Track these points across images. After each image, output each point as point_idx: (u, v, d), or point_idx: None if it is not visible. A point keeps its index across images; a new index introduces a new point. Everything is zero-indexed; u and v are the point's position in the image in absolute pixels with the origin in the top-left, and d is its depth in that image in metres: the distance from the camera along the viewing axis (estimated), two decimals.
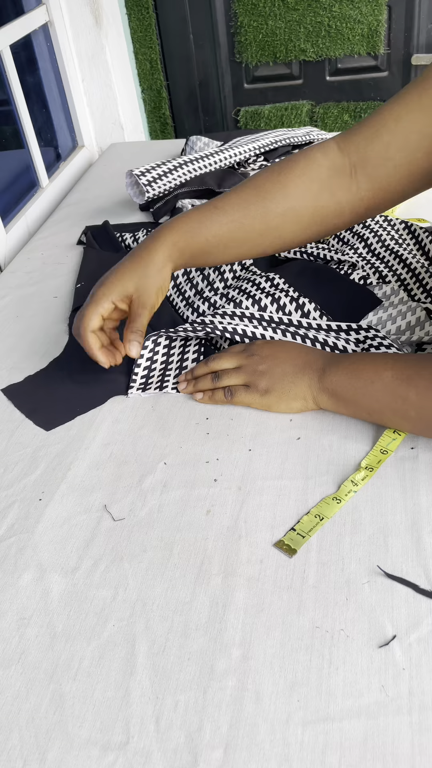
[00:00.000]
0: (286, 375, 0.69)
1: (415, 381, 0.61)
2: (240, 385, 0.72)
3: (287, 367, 0.70)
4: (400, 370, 0.62)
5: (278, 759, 0.44)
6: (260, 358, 0.71)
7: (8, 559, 0.59)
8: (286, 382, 0.69)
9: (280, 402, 0.70)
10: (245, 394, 0.71)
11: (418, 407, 0.61)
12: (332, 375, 0.67)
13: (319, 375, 0.68)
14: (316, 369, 0.68)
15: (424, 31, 1.99)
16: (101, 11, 1.63)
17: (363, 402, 0.65)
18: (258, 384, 0.70)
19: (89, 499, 0.64)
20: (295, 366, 0.69)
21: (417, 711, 0.46)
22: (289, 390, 0.69)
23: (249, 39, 2.02)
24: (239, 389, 0.71)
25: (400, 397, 0.62)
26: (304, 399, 0.69)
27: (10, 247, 1.19)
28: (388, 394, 0.63)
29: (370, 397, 0.64)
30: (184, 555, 0.58)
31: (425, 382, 0.60)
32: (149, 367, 0.78)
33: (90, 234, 1.09)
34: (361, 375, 0.65)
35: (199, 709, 0.47)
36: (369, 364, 0.65)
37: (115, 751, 0.46)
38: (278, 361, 0.70)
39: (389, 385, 0.62)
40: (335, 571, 0.55)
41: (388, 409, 0.63)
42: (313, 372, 0.68)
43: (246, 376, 0.71)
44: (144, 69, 2.09)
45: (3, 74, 1.24)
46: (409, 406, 0.61)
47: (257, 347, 0.73)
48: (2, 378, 0.82)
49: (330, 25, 1.96)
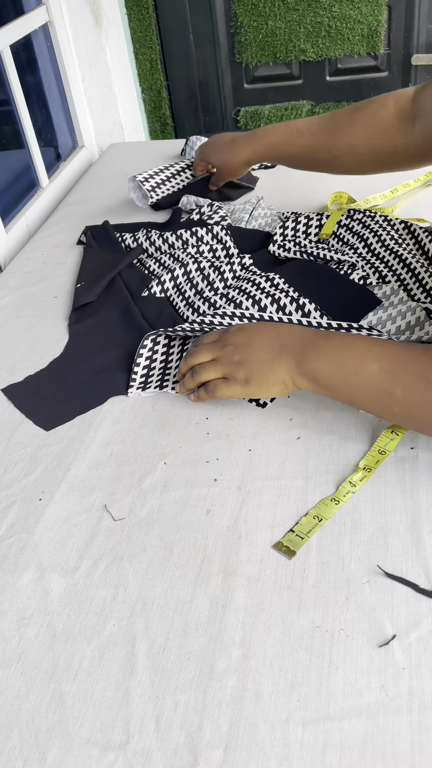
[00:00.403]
0: (263, 362, 0.67)
1: (402, 377, 0.60)
2: (219, 378, 0.70)
3: (263, 354, 0.67)
4: (387, 363, 0.61)
5: (278, 758, 0.44)
6: (234, 348, 0.69)
7: (8, 558, 0.59)
8: (263, 369, 0.67)
9: (261, 389, 0.68)
10: (225, 387, 0.69)
11: (404, 404, 0.60)
12: (312, 361, 0.64)
13: (298, 360, 0.65)
14: (293, 353, 0.66)
15: (424, 31, 1.99)
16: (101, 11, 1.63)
17: (345, 391, 0.63)
18: (236, 375, 0.68)
19: (89, 498, 0.64)
20: (272, 351, 0.67)
21: (417, 710, 0.46)
22: (267, 377, 0.67)
23: (249, 39, 2.02)
24: (218, 383, 0.70)
25: (386, 392, 0.60)
26: (283, 384, 0.67)
27: (10, 247, 1.19)
28: (372, 387, 0.61)
29: (353, 389, 0.62)
30: (184, 555, 0.58)
31: (413, 378, 0.59)
32: (149, 366, 0.78)
33: (90, 234, 1.09)
34: (345, 365, 0.63)
35: (199, 708, 0.47)
36: (353, 353, 0.63)
37: (115, 750, 0.46)
38: (253, 349, 0.68)
39: (374, 379, 0.61)
40: (335, 570, 0.55)
41: (371, 401, 0.62)
42: (291, 356, 0.66)
43: (223, 369, 0.69)
44: (144, 69, 2.08)
45: (3, 74, 1.24)
46: (393, 401, 0.60)
47: (230, 335, 0.71)
48: (2, 378, 0.82)
49: (330, 25, 1.97)
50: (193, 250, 0.97)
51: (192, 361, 0.72)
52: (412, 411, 0.60)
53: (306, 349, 0.65)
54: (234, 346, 0.69)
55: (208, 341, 0.73)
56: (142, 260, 1.01)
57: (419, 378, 0.59)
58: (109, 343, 0.84)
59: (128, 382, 0.77)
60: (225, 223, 1.03)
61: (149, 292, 0.92)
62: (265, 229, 1.03)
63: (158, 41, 2.05)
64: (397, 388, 0.59)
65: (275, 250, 0.94)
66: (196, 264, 0.92)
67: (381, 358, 0.61)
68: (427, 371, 0.58)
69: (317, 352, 0.64)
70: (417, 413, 0.60)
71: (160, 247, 1.01)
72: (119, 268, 0.97)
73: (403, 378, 0.59)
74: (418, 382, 0.59)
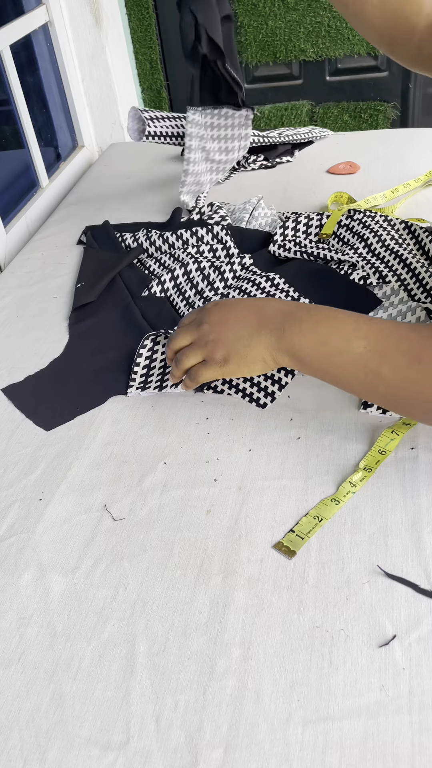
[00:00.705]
0: (240, 339, 0.63)
1: (391, 356, 0.56)
2: (199, 362, 0.67)
3: (240, 330, 0.64)
4: (374, 341, 0.57)
5: (278, 758, 0.44)
6: (210, 327, 0.66)
7: (8, 558, 0.59)
8: (241, 346, 0.63)
9: (241, 368, 0.65)
10: (204, 370, 0.66)
11: (391, 385, 0.57)
12: (294, 337, 0.61)
13: (278, 335, 0.62)
14: (273, 328, 0.62)
15: None
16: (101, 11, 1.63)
17: (328, 370, 0.60)
18: (214, 356, 0.65)
19: (89, 498, 0.64)
20: (249, 326, 0.63)
21: (417, 710, 0.46)
22: (246, 354, 0.64)
23: (249, 39, 2.02)
24: (198, 368, 0.67)
25: (372, 371, 0.57)
26: (263, 361, 0.64)
27: (10, 247, 1.19)
28: (358, 367, 0.58)
29: (337, 367, 0.59)
30: (184, 555, 0.58)
31: (402, 357, 0.56)
32: (148, 365, 0.78)
33: (90, 234, 1.09)
34: (328, 342, 0.59)
35: (199, 708, 0.47)
36: (338, 329, 0.59)
37: (116, 750, 0.46)
38: (229, 325, 0.64)
39: (360, 358, 0.57)
40: (335, 570, 0.55)
41: (355, 381, 0.59)
42: (270, 331, 0.62)
43: (201, 351, 0.66)
44: (144, 69, 2.08)
45: (3, 74, 1.24)
46: (379, 381, 0.57)
47: (206, 313, 0.67)
48: (2, 378, 0.82)
49: (330, 25, 1.96)
50: (193, 250, 0.97)
51: (173, 346, 0.69)
52: (399, 392, 0.57)
53: (287, 324, 0.62)
54: (209, 324, 0.66)
55: (186, 322, 0.69)
56: (142, 260, 1.01)
57: (409, 357, 0.56)
58: (109, 343, 0.84)
59: (128, 382, 0.77)
60: (225, 223, 1.03)
61: (149, 292, 0.92)
62: (265, 229, 1.03)
63: (158, 41, 2.05)
64: (384, 368, 0.56)
65: (275, 250, 0.94)
66: (197, 264, 0.92)
67: (368, 335, 0.58)
68: (418, 350, 0.55)
69: (299, 327, 0.61)
70: (403, 394, 0.57)
71: (160, 247, 1.01)
72: (119, 268, 0.97)
73: (392, 357, 0.56)
74: (408, 361, 0.56)
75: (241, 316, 0.65)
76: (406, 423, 0.67)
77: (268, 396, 0.73)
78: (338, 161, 1.23)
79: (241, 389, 0.74)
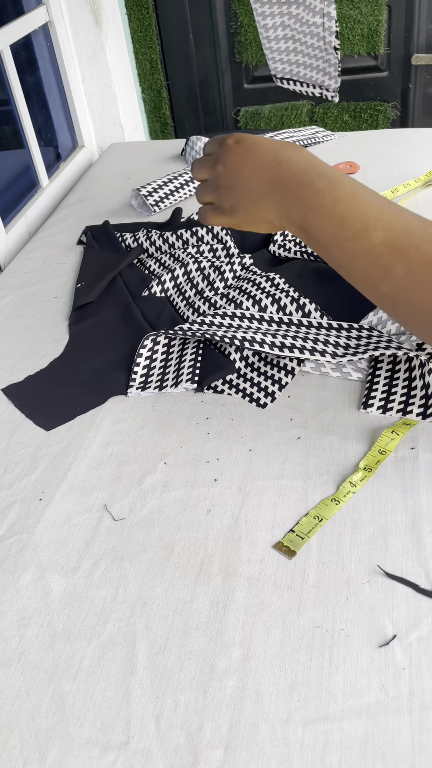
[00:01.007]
0: (251, 194, 0.58)
1: (408, 255, 0.51)
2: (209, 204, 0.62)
3: (253, 184, 0.58)
4: (396, 234, 0.52)
5: (278, 759, 0.44)
6: (224, 170, 0.60)
7: (8, 559, 0.59)
8: (250, 203, 0.59)
9: (247, 224, 0.61)
10: (213, 215, 0.62)
11: (398, 285, 0.52)
12: (308, 211, 0.55)
13: (290, 203, 0.56)
14: (286, 193, 0.56)
15: (424, 31, 1.98)
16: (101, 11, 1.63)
17: (336, 254, 0.55)
18: (222, 203, 0.61)
19: (89, 499, 0.64)
20: (263, 182, 0.58)
21: (417, 710, 0.46)
22: (254, 213, 0.59)
23: (249, 39, 2.02)
24: (207, 211, 0.62)
25: (383, 266, 0.52)
26: (270, 223, 0.59)
27: (10, 247, 1.19)
28: (370, 257, 0.52)
29: (346, 253, 0.54)
30: (184, 555, 0.58)
31: (421, 258, 0.50)
32: (148, 365, 0.78)
33: (90, 234, 1.09)
34: (345, 225, 0.53)
35: (199, 708, 0.47)
36: (358, 212, 0.53)
37: (116, 750, 0.46)
38: (244, 175, 0.59)
39: (375, 249, 0.52)
40: (335, 570, 0.55)
41: (361, 272, 0.54)
42: (283, 196, 0.57)
43: (213, 194, 0.61)
44: (144, 69, 2.08)
45: (3, 74, 1.24)
46: (387, 279, 0.52)
47: (225, 151, 0.60)
48: (2, 378, 0.82)
49: None
50: (193, 250, 0.97)
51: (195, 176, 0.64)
52: (405, 296, 0.52)
53: (302, 192, 0.56)
54: (224, 166, 0.60)
55: (208, 150, 0.63)
56: (143, 260, 1.01)
57: (427, 259, 0.50)
58: (109, 343, 0.84)
59: (128, 382, 0.77)
60: None
61: (149, 292, 0.92)
62: None
63: (158, 41, 2.05)
64: (398, 266, 0.51)
65: (275, 250, 0.94)
66: (197, 264, 0.92)
67: (391, 227, 0.52)
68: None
69: (316, 200, 0.55)
70: (408, 299, 0.52)
71: (160, 247, 1.01)
72: (119, 268, 0.97)
73: (410, 256, 0.51)
74: (425, 264, 0.50)
75: (258, 166, 0.58)
76: (406, 423, 0.67)
77: (268, 396, 0.73)
78: (338, 161, 1.23)
79: (241, 389, 0.74)
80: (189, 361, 0.78)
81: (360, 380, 0.74)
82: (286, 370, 0.75)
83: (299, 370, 0.75)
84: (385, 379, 0.72)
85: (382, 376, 0.72)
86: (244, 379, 0.75)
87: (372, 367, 0.73)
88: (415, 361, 0.70)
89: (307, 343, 0.74)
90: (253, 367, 0.76)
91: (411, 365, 0.71)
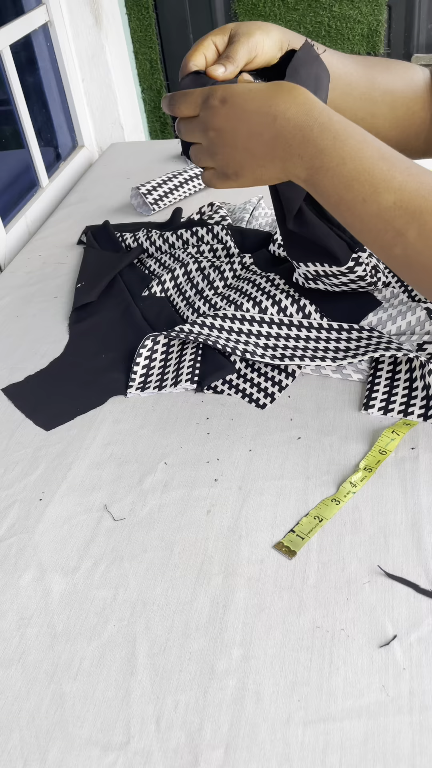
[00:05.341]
0: (253, 157, 0.56)
1: (421, 218, 0.49)
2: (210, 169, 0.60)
3: (253, 147, 0.55)
4: (408, 196, 0.50)
5: (279, 759, 0.44)
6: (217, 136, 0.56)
7: (8, 559, 0.59)
8: (254, 166, 0.56)
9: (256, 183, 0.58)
10: (219, 181, 0.60)
11: (412, 248, 0.50)
12: (313, 172, 0.53)
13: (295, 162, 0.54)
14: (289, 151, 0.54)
15: (424, 31, 1.99)
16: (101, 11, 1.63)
17: (345, 215, 0.53)
18: (226, 170, 0.58)
19: (89, 499, 0.64)
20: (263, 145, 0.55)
21: (417, 711, 0.46)
22: (259, 174, 0.57)
23: None
24: (211, 178, 0.60)
25: (395, 229, 0.50)
26: (278, 179, 0.57)
27: (10, 247, 1.19)
28: (381, 221, 0.51)
29: (356, 217, 0.52)
30: (184, 555, 0.58)
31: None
32: (148, 365, 0.78)
33: (90, 234, 1.09)
34: (353, 187, 0.51)
35: (199, 709, 0.47)
36: (366, 174, 0.51)
37: (116, 751, 0.46)
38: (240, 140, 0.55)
39: (386, 212, 0.50)
40: (336, 571, 0.55)
41: (372, 234, 0.52)
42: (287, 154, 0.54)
43: (212, 160, 0.58)
44: (144, 69, 2.08)
45: (3, 74, 1.24)
46: (399, 241, 0.51)
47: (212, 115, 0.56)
48: (2, 378, 0.82)
49: (330, 25, 1.96)
50: (193, 250, 0.97)
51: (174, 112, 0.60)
52: (418, 257, 0.51)
53: (305, 150, 0.53)
54: (216, 132, 0.56)
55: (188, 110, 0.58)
56: (143, 260, 1.01)
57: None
58: (109, 343, 0.84)
59: (128, 383, 0.77)
60: (225, 222, 1.03)
61: (149, 292, 0.92)
62: (266, 229, 1.03)
63: (158, 41, 2.05)
64: (411, 229, 0.50)
65: (275, 250, 0.94)
66: (197, 264, 0.92)
67: (402, 188, 0.50)
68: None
69: (320, 159, 0.52)
70: (423, 260, 0.51)
71: (160, 247, 1.01)
72: (119, 268, 0.97)
73: (423, 219, 0.49)
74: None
75: (254, 127, 0.55)
76: (406, 423, 0.67)
77: (268, 396, 0.73)
78: None
79: (240, 389, 0.74)
80: (189, 361, 0.78)
81: (360, 381, 0.74)
82: (287, 372, 0.75)
83: (300, 373, 0.75)
84: (385, 380, 0.72)
85: (382, 377, 0.72)
86: (244, 380, 0.75)
87: (372, 368, 0.73)
88: (415, 362, 0.70)
89: (307, 353, 0.74)
90: (253, 368, 0.76)
91: (411, 366, 0.71)
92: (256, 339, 0.77)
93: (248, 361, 0.77)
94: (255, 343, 0.76)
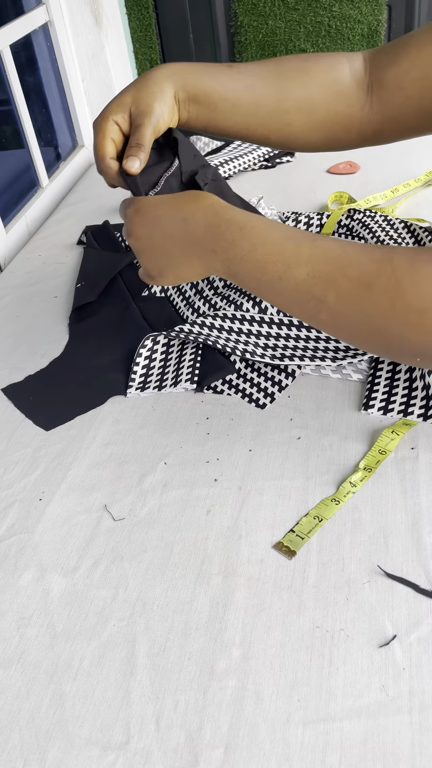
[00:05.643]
0: (171, 259, 0.59)
1: (336, 282, 0.51)
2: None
3: (169, 249, 0.59)
4: (319, 265, 0.52)
5: (278, 759, 0.44)
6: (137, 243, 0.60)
7: (8, 559, 0.59)
8: (173, 265, 0.59)
9: (179, 281, 0.61)
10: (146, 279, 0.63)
11: (335, 312, 0.52)
12: (231, 263, 0.56)
13: (210, 257, 0.57)
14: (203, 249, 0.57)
15: None
16: (101, 11, 1.63)
17: (269, 295, 0.56)
18: (149, 271, 0.62)
19: (89, 499, 0.64)
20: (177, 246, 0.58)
21: (417, 711, 0.46)
22: (180, 272, 0.60)
23: (249, 39, 2.02)
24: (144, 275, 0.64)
25: (315, 298, 0.52)
26: (200, 275, 0.60)
27: (10, 247, 1.19)
28: (300, 293, 0.53)
29: (277, 294, 0.54)
30: (184, 555, 0.58)
31: (349, 284, 0.51)
32: (148, 365, 0.78)
33: (90, 234, 1.09)
34: (267, 270, 0.54)
35: (199, 709, 0.47)
36: (276, 255, 0.53)
37: (116, 751, 0.46)
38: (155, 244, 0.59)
39: (303, 285, 0.52)
40: (335, 571, 0.55)
41: (296, 306, 0.54)
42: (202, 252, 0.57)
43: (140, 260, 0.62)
44: (144, 69, 2.08)
45: (3, 74, 1.24)
46: (323, 308, 0.52)
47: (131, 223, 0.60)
48: (2, 378, 0.82)
49: (330, 24, 1.96)
50: None
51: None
52: (343, 319, 0.52)
53: (217, 245, 0.56)
54: (135, 240, 0.60)
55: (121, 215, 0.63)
56: None
57: (357, 283, 0.50)
58: (109, 343, 0.84)
59: (128, 383, 0.77)
60: None
61: (149, 291, 0.92)
62: None
63: (158, 41, 2.05)
64: (329, 295, 0.51)
65: None
66: None
67: (312, 260, 0.52)
68: (368, 276, 0.50)
69: (232, 251, 0.55)
70: (347, 321, 0.52)
71: None
72: (119, 268, 0.97)
73: (338, 283, 0.51)
74: (355, 287, 0.51)
75: (167, 233, 0.58)
76: (406, 423, 0.67)
77: (268, 396, 0.73)
78: (338, 161, 1.23)
79: (240, 389, 0.74)
80: (189, 361, 0.78)
81: (360, 381, 0.74)
82: (287, 372, 0.75)
83: (300, 373, 0.75)
84: (385, 380, 0.72)
85: (382, 377, 0.72)
86: (243, 380, 0.75)
87: (372, 368, 0.74)
88: None
89: (307, 353, 0.74)
90: (253, 368, 0.76)
91: (411, 366, 0.71)
92: (255, 339, 0.77)
93: (248, 361, 0.77)
94: (255, 343, 0.76)
